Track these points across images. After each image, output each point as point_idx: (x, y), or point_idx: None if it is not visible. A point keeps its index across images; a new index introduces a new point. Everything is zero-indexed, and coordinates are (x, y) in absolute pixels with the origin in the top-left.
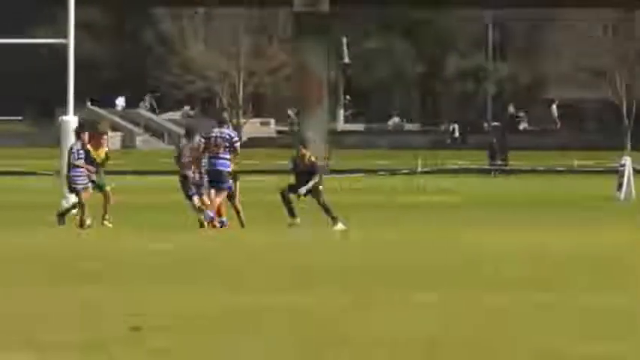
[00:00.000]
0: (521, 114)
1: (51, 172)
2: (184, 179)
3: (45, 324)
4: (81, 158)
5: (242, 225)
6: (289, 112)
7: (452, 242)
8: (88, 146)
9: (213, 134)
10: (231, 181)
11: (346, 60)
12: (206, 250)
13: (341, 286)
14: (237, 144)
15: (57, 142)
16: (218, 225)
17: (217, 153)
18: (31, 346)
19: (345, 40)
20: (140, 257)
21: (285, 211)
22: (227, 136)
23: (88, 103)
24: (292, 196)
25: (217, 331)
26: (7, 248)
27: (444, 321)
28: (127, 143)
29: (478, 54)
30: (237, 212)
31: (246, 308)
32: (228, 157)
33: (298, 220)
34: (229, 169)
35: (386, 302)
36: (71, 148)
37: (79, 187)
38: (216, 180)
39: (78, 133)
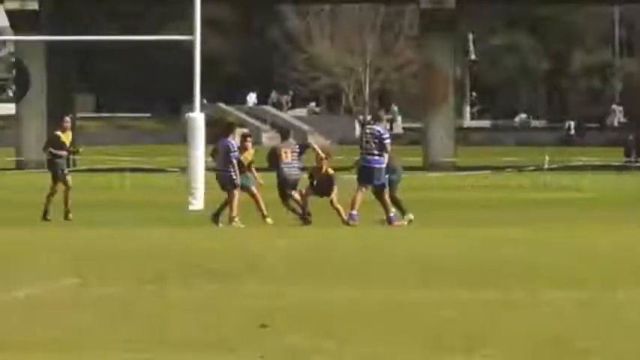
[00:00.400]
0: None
1: (177, 169)
2: (283, 179)
3: (175, 323)
4: (238, 157)
5: (344, 222)
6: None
7: (580, 239)
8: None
9: (366, 131)
10: (384, 177)
11: (472, 57)
12: (331, 246)
13: (465, 283)
14: (387, 141)
15: (184, 138)
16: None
17: (368, 150)
18: (162, 346)
19: (471, 36)
20: (269, 254)
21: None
22: (377, 133)
23: (204, 100)
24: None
25: (346, 328)
26: (138, 246)
27: (573, 319)
28: (254, 140)
29: (605, 50)
30: (338, 211)
31: (375, 304)
32: (377, 153)
33: (411, 215)
34: (381, 166)
35: (514, 300)
36: (229, 146)
37: (235, 181)
38: (367, 177)
39: (227, 133)
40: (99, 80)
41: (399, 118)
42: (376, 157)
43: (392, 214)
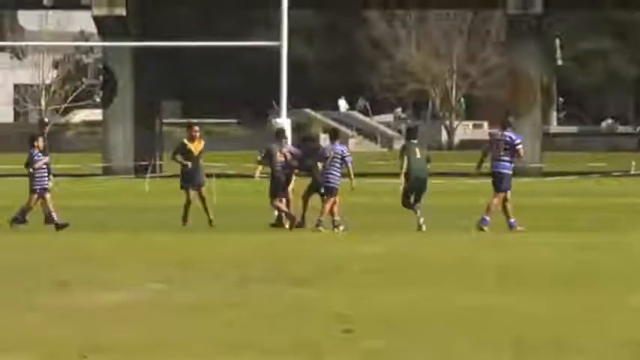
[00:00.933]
0: None
1: (265, 175)
2: (276, 180)
3: (260, 328)
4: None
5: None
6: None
7: None
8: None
9: (496, 137)
10: (511, 184)
11: (559, 62)
12: (415, 252)
13: (548, 288)
14: (520, 146)
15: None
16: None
17: (498, 155)
18: (247, 350)
19: (558, 42)
20: (352, 260)
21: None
22: (508, 139)
23: (289, 106)
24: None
25: (429, 332)
26: (224, 252)
27: None
28: None
29: None
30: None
31: (458, 308)
32: (507, 159)
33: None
34: (509, 172)
35: (599, 305)
36: (342, 151)
37: (337, 186)
38: (496, 182)
39: (334, 139)
40: (186, 86)
41: (486, 124)
42: (505, 163)
43: (512, 220)
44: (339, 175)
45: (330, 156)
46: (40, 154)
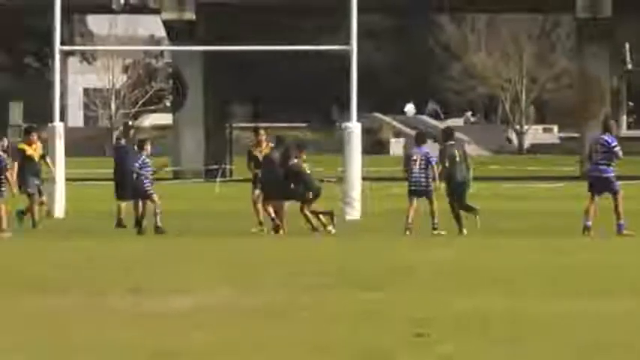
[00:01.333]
0: None
1: (334, 179)
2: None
3: (329, 330)
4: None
5: (313, 229)
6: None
7: None
8: None
9: (594, 141)
10: (617, 184)
11: (629, 66)
12: (486, 256)
13: (620, 292)
14: (617, 149)
15: (340, 148)
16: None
17: (597, 159)
18: (320, 354)
19: (627, 45)
20: (422, 264)
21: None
22: (605, 142)
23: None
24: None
25: (502, 336)
26: (295, 255)
27: None
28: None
29: None
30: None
31: (530, 313)
32: (605, 162)
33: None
34: (611, 175)
35: None
36: (426, 154)
37: (432, 189)
38: (599, 186)
39: (421, 142)
40: (256, 90)
41: (555, 128)
42: (604, 167)
43: (622, 222)
44: (429, 177)
45: (418, 159)
46: (147, 159)
